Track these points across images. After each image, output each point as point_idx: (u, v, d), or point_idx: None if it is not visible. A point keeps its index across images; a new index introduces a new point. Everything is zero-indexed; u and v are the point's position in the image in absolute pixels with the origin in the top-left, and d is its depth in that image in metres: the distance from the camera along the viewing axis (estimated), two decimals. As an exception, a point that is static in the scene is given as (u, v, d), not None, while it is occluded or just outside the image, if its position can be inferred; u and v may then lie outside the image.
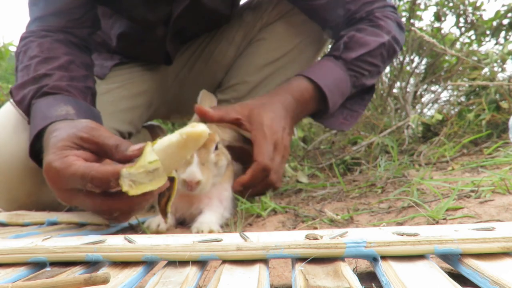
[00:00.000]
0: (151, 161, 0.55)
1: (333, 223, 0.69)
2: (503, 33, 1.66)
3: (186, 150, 0.55)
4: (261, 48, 1.15)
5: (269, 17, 1.16)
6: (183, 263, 0.41)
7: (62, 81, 0.81)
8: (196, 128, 0.54)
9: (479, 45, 1.81)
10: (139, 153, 0.58)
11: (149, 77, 1.16)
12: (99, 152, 0.65)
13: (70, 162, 0.60)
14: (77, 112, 0.75)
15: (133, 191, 0.54)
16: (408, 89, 1.81)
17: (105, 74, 1.06)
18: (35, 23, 0.91)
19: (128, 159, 0.60)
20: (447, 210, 0.63)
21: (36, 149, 0.75)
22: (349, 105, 1.04)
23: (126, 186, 0.54)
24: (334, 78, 0.97)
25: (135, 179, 0.55)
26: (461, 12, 1.69)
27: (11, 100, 0.88)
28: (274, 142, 0.87)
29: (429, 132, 1.39)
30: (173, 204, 0.64)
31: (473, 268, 0.35)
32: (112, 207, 0.60)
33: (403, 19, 1.78)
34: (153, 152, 0.56)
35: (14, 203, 0.91)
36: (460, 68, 1.68)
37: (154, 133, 1.26)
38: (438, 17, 1.76)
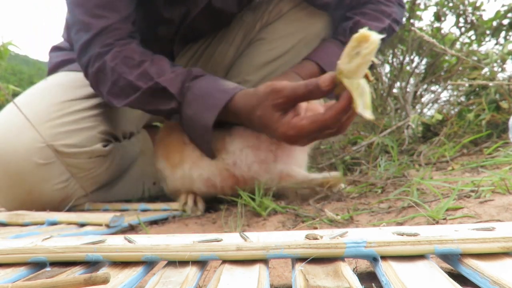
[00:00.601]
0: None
1: (333, 223, 0.69)
2: (503, 33, 1.66)
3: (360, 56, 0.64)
4: (261, 47, 1.15)
5: (269, 16, 1.17)
6: (183, 263, 0.41)
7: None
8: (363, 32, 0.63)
9: (479, 45, 1.81)
10: (332, 85, 0.69)
11: None
12: (297, 102, 0.76)
13: (300, 124, 0.73)
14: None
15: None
16: (408, 89, 1.81)
17: None
18: (101, 36, 0.88)
19: (327, 94, 0.71)
20: (447, 210, 0.63)
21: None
22: None
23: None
24: None
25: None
26: (461, 12, 1.69)
27: (14, 101, 0.88)
28: None
29: (429, 132, 1.39)
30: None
31: (473, 268, 0.35)
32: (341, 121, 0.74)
33: (403, 19, 1.78)
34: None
35: (14, 201, 0.91)
36: (460, 68, 1.68)
37: (153, 133, 1.26)
38: (438, 17, 1.76)
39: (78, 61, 0.93)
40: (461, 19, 1.72)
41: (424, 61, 1.88)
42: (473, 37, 1.80)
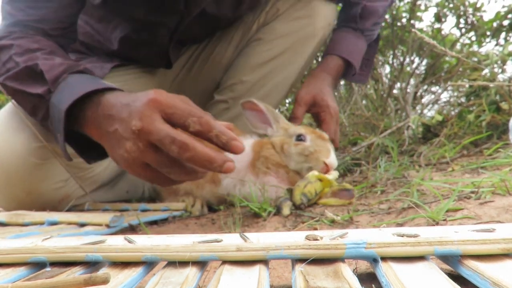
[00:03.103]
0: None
1: (333, 224, 0.69)
2: (503, 34, 1.66)
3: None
4: (258, 48, 1.16)
5: (266, 16, 1.17)
6: (183, 263, 0.41)
7: (85, 65, 0.79)
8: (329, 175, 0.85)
9: (480, 46, 1.80)
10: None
11: (148, 78, 1.16)
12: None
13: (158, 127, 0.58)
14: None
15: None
16: (408, 90, 1.81)
17: (105, 73, 1.06)
18: (17, 26, 0.84)
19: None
20: (447, 211, 0.63)
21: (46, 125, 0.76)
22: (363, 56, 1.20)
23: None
24: (359, 50, 1.15)
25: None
26: (462, 13, 1.69)
27: (13, 101, 0.88)
28: (336, 118, 1.09)
29: (429, 133, 1.39)
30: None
31: (473, 269, 0.35)
32: (179, 178, 0.63)
33: (403, 20, 1.78)
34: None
35: (13, 201, 0.91)
36: (460, 69, 1.68)
37: None
38: (438, 18, 1.76)
39: None
40: (462, 20, 1.72)
41: (424, 62, 1.88)
42: (474, 38, 1.80)
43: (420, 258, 0.39)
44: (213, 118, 0.61)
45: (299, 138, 0.92)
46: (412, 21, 1.77)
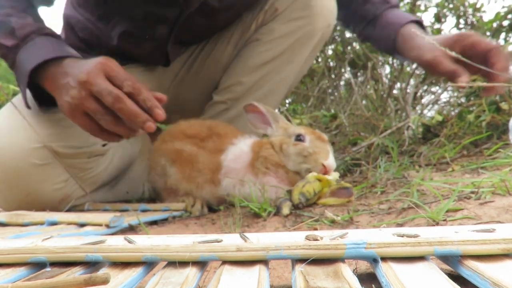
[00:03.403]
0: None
1: (333, 224, 0.69)
2: (503, 35, 1.66)
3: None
4: (256, 49, 1.15)
5: (265, 16, 1.16)
6: (183, 263, 0.41)
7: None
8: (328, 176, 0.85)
9: (480, 46, 1.80)
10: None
11: (148, 77, 1.16)
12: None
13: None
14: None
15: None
16: (408, 90, 1.81)
17: None
18: None
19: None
20: (447, 211, 0.63)
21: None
22: None
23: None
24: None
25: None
26: (461, 13, 1.69)
27: (12, 101, 0.88)
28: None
29: (429, 133, 1.39)
30: None
31: (473, 269, 0.35)
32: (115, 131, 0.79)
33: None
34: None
35: (13, 202, 0.91)
36: (461, 69, 1.67)
37: (152, 134, 1.27)
38: (438, 18, 1.76)
39: None
40: (462, 21, 1.72)
41: (424, 62, 1.88)
42: (474, 38, 1.80)
43: (420, 258, 0.39)
44: (147, 88, 0.78)
45: (298, 138, 0.92)
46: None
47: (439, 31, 1.83)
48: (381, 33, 1.13)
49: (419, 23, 1.10)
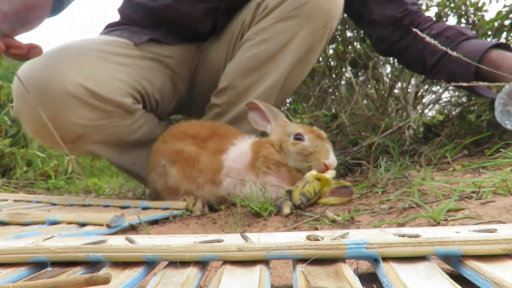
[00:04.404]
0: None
1: (334, 224, 0.69)
2: (504, 34, 1.66)
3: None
4: (247, 51, 1.11)
5: (256, 13, 1.13)
6: (184, 263, 0.41)
7: None
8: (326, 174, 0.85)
9: (481, 45, 1.80)
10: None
11: (160, 68, 1.21)
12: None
13: None
14: None
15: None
16: (409, 90, 1.81)
17: (141, 42, 1.17)
18: None
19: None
20: (448, 211, 0.62)
21: None
22: None
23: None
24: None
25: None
26: (463, 13, 1.69)
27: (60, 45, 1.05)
28: None
29: (430, 132, 1.39)
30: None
31: (475, 269, 0.35)
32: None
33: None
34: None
35: (38, 120, 0.96)
36: (461, 69, 1.67)
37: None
38: (439, 17, 1.75)
39: None
40: (463, 20, 1.72)
41: (425, 62, 1.88)
42: (475, 38, 1.80)
43: (421, 258, 0.39)
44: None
45: (297, 137, 0.92)
46: (413, 21, 1.76)
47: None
48: (459, 63, 1.05)
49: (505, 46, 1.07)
